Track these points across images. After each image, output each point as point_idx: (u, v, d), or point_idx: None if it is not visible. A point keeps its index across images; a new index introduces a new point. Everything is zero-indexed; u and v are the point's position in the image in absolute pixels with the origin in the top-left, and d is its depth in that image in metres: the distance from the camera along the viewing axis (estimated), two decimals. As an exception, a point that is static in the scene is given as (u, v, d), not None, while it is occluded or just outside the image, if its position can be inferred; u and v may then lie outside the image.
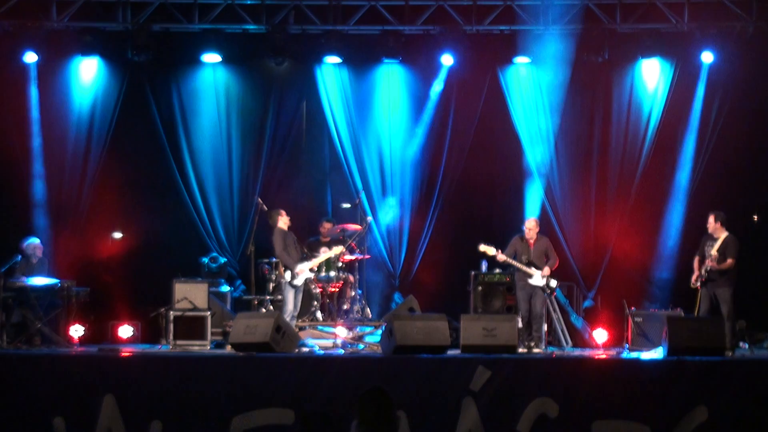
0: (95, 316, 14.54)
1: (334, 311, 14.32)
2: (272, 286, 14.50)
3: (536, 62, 15.75)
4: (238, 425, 11.17)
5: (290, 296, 13.67)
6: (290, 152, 16.15)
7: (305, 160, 16.20)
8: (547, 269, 13.81)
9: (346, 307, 14.38)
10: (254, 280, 14.49)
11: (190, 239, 15.84)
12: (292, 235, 13.96)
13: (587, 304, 15.41)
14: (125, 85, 15.82)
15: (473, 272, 14.78)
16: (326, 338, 13.64)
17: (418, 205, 16.01)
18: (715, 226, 13.51)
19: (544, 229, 14.72)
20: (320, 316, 14.34)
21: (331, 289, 14.38)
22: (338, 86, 16.04)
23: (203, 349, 13.39)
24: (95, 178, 15.72)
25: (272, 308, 14.20)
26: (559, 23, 15.46)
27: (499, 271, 14.74)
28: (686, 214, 15.50)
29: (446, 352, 11.95)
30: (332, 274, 14.27)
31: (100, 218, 15.66)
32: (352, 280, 14.55)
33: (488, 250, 13.90)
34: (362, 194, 15.43)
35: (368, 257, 14.90)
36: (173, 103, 15.96)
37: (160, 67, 15.83)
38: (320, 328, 14.03)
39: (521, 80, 15.92)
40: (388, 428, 5.98)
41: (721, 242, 13.40)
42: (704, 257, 13.49)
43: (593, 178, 15.80)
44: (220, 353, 12.86)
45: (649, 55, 15.54)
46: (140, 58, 15.47)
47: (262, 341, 11.95)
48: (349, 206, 15.48)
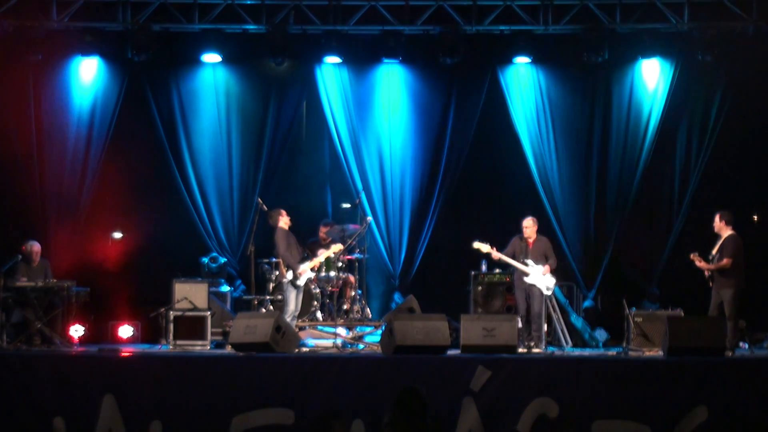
0: (95, 316, 14.55)
1: (334, 311, 14.32)
2: (272, 286, 14.50)
3: (536, 62, 15.75)
4: (238, 425, 11.17)
5: (292, 296, 13.67)
6: (290, 152, 16.14)
7: (305, 160, 16.20)
8: (546, 268, 13.81)
9: (346, 307, 14.38)
10: (254, 280, 14.49)
11: (190, 239, 15.84)
12: (292, 235, 13.96)
13: (587, 304, 15.41)
14: (125, 85, 15.81)
15: (473, 272, 14.79)
16: (326, 338, 13.64)
17: (418, 205, 16.00)
18: (720, 224, 13.49)
19: (543, 229, 14.71)
20: (320, 316, 14.34)
21: (331, 289, 14.38)
22: (338, 86, 16.03)
23: (203, 349, 13.39)
24: (95, 178, 15.71)
25: (272, 308, 14.19)
26: (559, 23, 15.46)
27: (499, 271, 14.75)
28: (686, 214, 15.51)
29: (446, 352, 11.96)
30: (332, 274, 14.27)
31: (100, 218, 15.66)
32: (352, 280, 14.56)
33: (482, 246, 13.90)
34: (362, 194, 15.43)
35: (368, 257, 14.90)
36: (173, 103, 15.96)
37: (160, 67, 15.83)
38: (320, 328, 14.03)
39: (521, 80, 15.91)
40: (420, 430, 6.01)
41: (721, 242, 13.41)
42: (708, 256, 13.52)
43: (593, 177, 15.80)
44: (220, 353, 12.86)
45: (649, 55, 15.55)
46: (140, 58, 15.46)
47: (262, 341, 11.96)
48: (349, 206, 15.48)
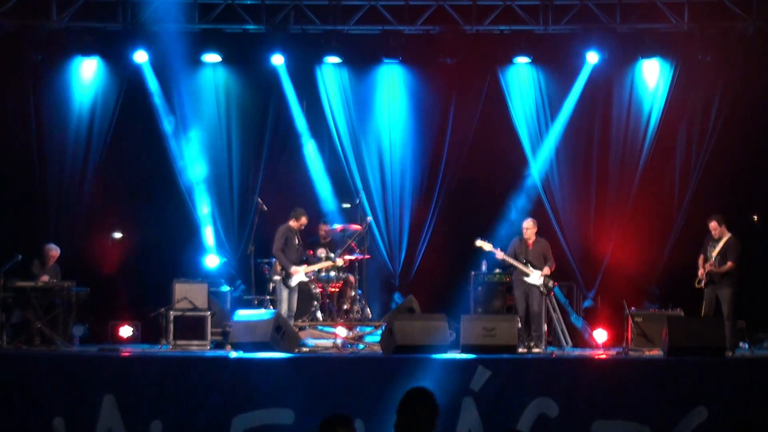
0: (95, 316, 14.54)
1: (334, 311, 14.32)
2: (272, 286, 14.49)
3: (536, 62, 15.75)
4: (238, 425, 11.17)
5: (284, 296, 13.69)
6: (290, 152, 16.14)
7: (305, 160, 16.18)
8: (546, 269, 13.82)
9: (346, 307, 14.38)
10: (254, 280, 14.49)
11: (190, 239, 15.84)
12: (296, 235, 13.92)
13: (587, 304, 15.41)
14: (125, 85, 15.81)
15: (473, 272, 14.79)
16: (326, 338, 13.64)
17: (418, 205, 16.00)
18: (720, 229, 13.50)
19: (543, 229, 14.72)
20: (320, 316, 14.34)
21: (331, 289, 14.38)
22: (338, 86, 16.03)
23: (203, 349, 13.39)
24: (95, 178, 15.71)
25: (272, 308, 14.19)
26: (559, 23, 15.46)
27: (499, 271, 14.75)
28: (686, 213, 15.50)
29: (446, 352, 11.96)
30: (332, 274, 14.28)
31: (100, 218, 15.66)
32: (352, 280, 14.55)
33: (484, 245, 13.92)
34: (362, 194, 15.43)
35: (368, 257, 14.90)
36: (173, 103, 15.95)
37: (160, 67, 15.82)
38: (320, 328, 14.03)
39: (521, 80, 15.92)
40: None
41: (722, 244, 13.40)
42: (706, 258, 13.50)
43: (593, 177, 15.80)
44: (220, 353, 12.87)
45: (649, 55, 15.54)
46: (140, 58, 15.46)
47: (262, 341, 11.96)
48: (349, 206, 15.47)
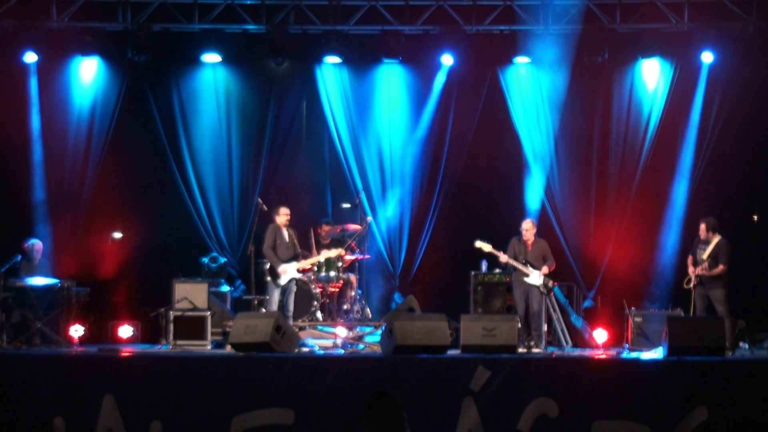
0: (95, 316, 14.54)
1: (334, 311, 14.32)
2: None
3: (536, 62, 15.75)
4: (238, 425, 11.17)
5: (275, 295, 13.69)
6: (290, 152, 16.14)
7: (305, 160, 16.20)
8: (545, 268, 13.83)
9: (346, 307, 14.38)
10: (254, 280, 14.49)
11: (190, 239, 15.84)
12: (288, 232, 13.93)
13: (587, 304, 15.41)
14: (125, 85, 15.82)
15: (473, 272, 14.78)
16: (326, 338, 13.64)
17: (418, 205, 16.01)
18: (707, 234, 13.54)
19: (543, 228, 14.73)
20: (320, 316, 14.34)
21: (331, 289, 14.38)
22: (338, 86, 16.03)
23: (203, 349, 13.38)
24: (95, 178, 15.72)
25: (263, 308, 14.19)
26: (559, 23, 15.46)
27: (499, 271, 14.74)
28: (686, 213, 15.49)
29: (446, 352, 11.95)
30: (332, 274, 14.28)
31: (100, 218, 15.66)
32: (352, 280, 14.55)
33: (484, 246, 13.93)
34: (362, 194, 15.43)
35: (368, 257, 14.90)
36: (173, 103, 15.96)
37: (160, 67, 15.83)
38: (320, 328, 14.02)
39: (521, 80, 15.92)
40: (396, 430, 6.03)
41: (713, 247, 13.43)
42: (696, 260, 13.52)
43: (593, 178, 15.80)
44: (220, 353, 12.86)
45: (649, 55, 15.54)
46: (140, 58, 15.48)
47: (262, 341, 11.95)
48: (349, 206, 15.48)
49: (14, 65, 15.40)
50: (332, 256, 14.16)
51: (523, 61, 15.73)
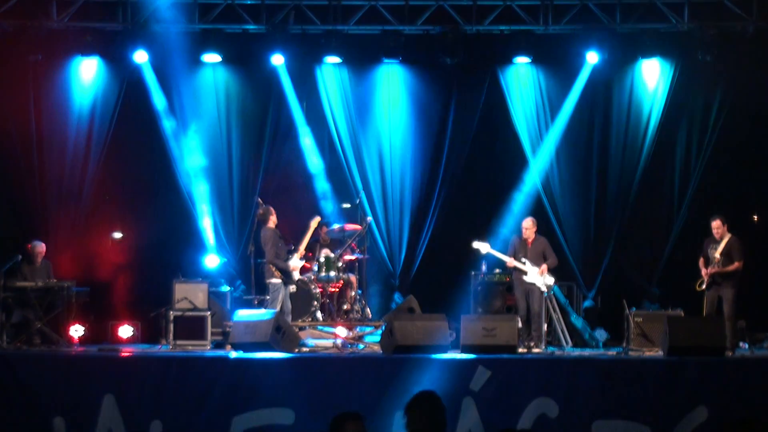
0: (95, 316, 14.54)
1: (334, 311, 14.32)
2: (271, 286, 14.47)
3: (536, 62, 15.74)
4: (238, 425, 11.18)
5: (279, 298, 13.67)
6: (290, 152, 16.14)
7: (305, 159, 16.17)
8: (544, 266, 13.84)
9: (346, 307, 14.37)
10: (254, 280, 14.48)
11: (190, 239, 15.83)
12: (278, 232, 13.94)
13: (587, 304, 15.41)
14: (125, 85, 15.81)
15: (473, 272, 14.78)
16: (326, 338, 13.64)
17: (418, 205, 16.00)
18: (723, 229, 13.48)
19: (543, 228, 14.72)
20: (320, 316, 14.33)
21: (331, 289, 14.38)
22: (338, 86, 16.02)
23: (203, 349, 13.39)
24: (95, 178, 15.71)
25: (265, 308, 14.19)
26: (559, 23, 15.46)
27: (499, 271, 14.74)
28: (686, 213, 15.49)
29: (446, 352, 11.96)
30: (332, 274, 14.27)
31: (100, 218, 15.65)
32: (352, 280, 14.55)
33: (481, 246, 13.95)
34: (362, 194, 15.43)
35: (368, 257, 14.89)
36: (173, 103, 15.94)
37: (160, 67, 15.81)
38: (320, 328, 14.03)
39: (521, 80, 15.91)
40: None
41: (725, 244, 13.39)
42: (708, 260, 13.48)
43: (593, 177, 15.79)
44: (220, 353, 12.86)
45: (649, 55, 15.52)
46: (140, 58, 15.47)
47: (262, 341, 11.96)
48: (349, 206, 15.47)
49: (14, 65, 15.39)
50: (314, 226, 14.16)
51: (523, 61, 15.72)
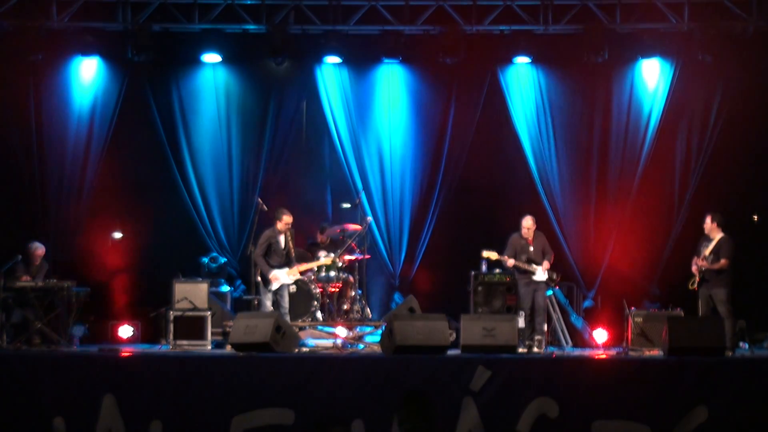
0: (95, 316, 14.54)
1: (334, 311, 14.32)
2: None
3: (536, 62, 15.75)
4: (238, 425, 11.17)
5: (267, 299, 13.70)
6: (290, 152, 16.15)
7: (305, 160, 16.19)
8: (546, 263, 13.92)
9: (346, 307, 14.38)
10: (254, 280, 14.48)
11: (190, 239, 15.84)
12: (285, 238, 13.88)
13: (587, 304, 15.41)
14: (125, 85, 15.81)
15: (473, 272, 14.75)
16: (326, 338, 13.64)
17: (418, 205, 16.01)
18: (711, 226, 13.55)
19: (544, 228, 14.72)
20: (320, 316, 14.33)
21: (331, 289, 14.38)
22: (338, 86, 16.03)
23: (203, 349, 13.39)
24: (95, 178, 15.72)
25: (272, 308, 14.19)
26: (559, 23, 15.46)
27: (499, 271, 14.72)
28: (686, 213, 15.50)
29: (446, 352, 11.96)
30: (332, 274, 14.27)
31: (100, 218, 15.65)
32: (352, 280, 14.55)
33: (491, 255, 13.98)
34: (362, 194, 15.43)
35: (368, 257, 14.90)
36: (173, 103, 15.96)
37: (160, 67, 15.82)
38: (320, 328, 14.03)
39: (521, 80, 15.92)
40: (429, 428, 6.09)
41: (715, 243, 13.44)
42: (699, 256, 13.52)
43: (593, 177, 15.80)
44: (220, 353, 12.86)
45: (649, 55, 15.54)
46: (140, 58, 15.48)
47: (262, 341, 11.96)
48: (349, 206, 15.47)
49: (14, 65, 15.39)
50: (326, 263, 14.17)
51: (523, 61, 15.73)
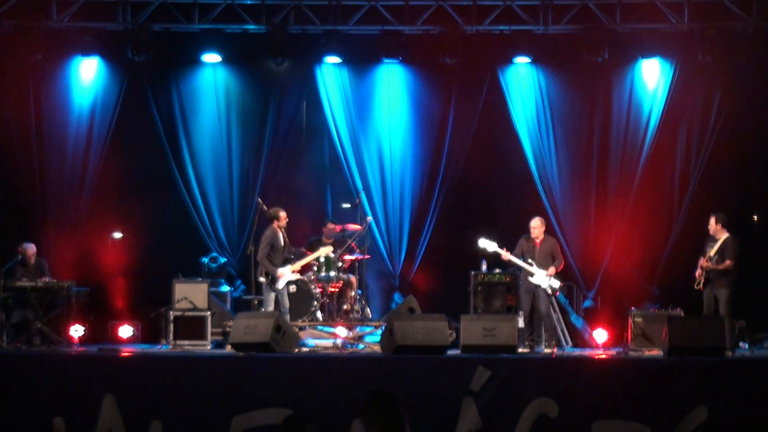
0: (95, 316, 14.53)
1: (334, 311, 14.31)
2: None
3: (536, 62, 15.75)
4: (238, 425, 11.18)
5: (270, 298, 13.69)
6: (290, 152, 16.14)
7: (305, 160, 16.19)
8: (551, 269, 13.82)
9: (346, 307, 14.37)
10: (254, 280, 14.48)
11: (190, 239, 15.84)
12: (282, 236, 13.90)
13: (587, 304, 15.41)
14: (125, 85, 15.81)
15: (473, 272, 14.76)
16: (326, 338, 13.64)
17: (418, 205, 16.00)
18: (716, 227, 13.54)
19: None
20: (320, 316, 14.33)
21: (331, 289, 14.37)
22: (338, 86, 16.03)
23: (203, 349, 13.39)
24: (95, 177, 15.71)
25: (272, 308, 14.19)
26: (559, 23, 15.46)
27: (499, 271, 14.73)
28: (686, 213, 15.50)
29: (446, 352, 11.96)
30: (332, 274, 14.27)
31: (100, 218, 15.64)
32: (352, 280, 14.54)
33: (488, 245, 13.92)
34: (362, 194, 15.43)
35: (368, 257, 14.90)
36: (173, 103, 15.95)
37: (160, 67, 15.82)
38: (320, 328, 14.03)
39: (521, 80, 15.91)
40: (396, 428, 6.07)
41: (720, 243, 13.44)
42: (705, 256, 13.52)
43: (593, 177, 15.79)
44: (220, 353, 12.86)
45: (649, 55, 15.54)
46: (140, 58, 15.47)
47: (262, 341, 11.96)
48: (349, 206, 15.47)
49: (14, 65, 15.39)
50: (325, 253, 14.14)
51: (523, 61, 15.72)
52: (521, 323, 13.61)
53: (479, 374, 11.25)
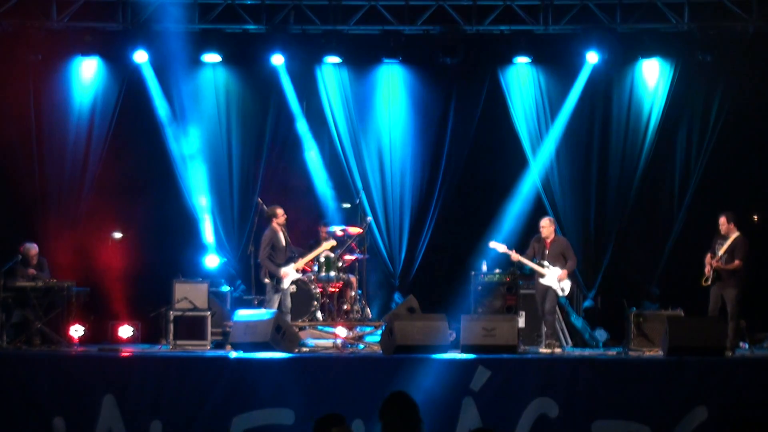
0: (95, 316, 14.54)
1: (334, 311, 14.31)
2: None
3: (536, 62, 15.74)
4: (238, 425, 11.18)
5: (275, 299, 13.68)
6: (290, 152, 16.14)
7: (305, 160, 16.18)
8: (563, 272, 13.68)
9: (346, 307, 14.37)
10: (254, 280, 14.49)
11: (190, 239, 15.83)
12: (282, 235, 13.90)
13: (587, 304, 15.40)
14: (125, 85, 15.81)
15: (473, 272, 14.77)
16: (326, 338, 13.64)
17: (418, 205, 16.00)
18: (728, 226, 13.45)
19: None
20: (320, 316, 14.33)
21: (331, 289, 14.37)
22: (338, 86, 16.03)
23: (203, 349, 13.39)
24: (95, 178, 15.71)
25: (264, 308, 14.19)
26: (559, 23, 15.46)
27: (499, 271, 14.74)
28: (686, 214, 15.50)
29: (446, 352, 11.96)
30: (332, 274, 14.26)
31: (100, 218, 15.64)
32: (352, 280, 14.54)
33: (498, 247, 13.93)
34: (362, 194, 15.42)
35: (368, 257, 14.89)
36: (173, 103, 15.95)
37: (160, 67, 15.81)
38: (320, 328, 14.03)
39: (521, 80, 15.91)
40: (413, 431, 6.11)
41: (730, 242, 13.37)
42: (714, 255, 13.48)
43: (593, 177, 15.79)
44: (220, 353, 12.86)
45: (649, 55, 15.53)
46: (140, 58, 15.47)
47: (262, 341, 11.96)
48: (349, 206, 15.46)
49: (14, 65, 15.39)
50: (329, 246, 14.13)
51: (523, 61, 15.72)
52: (521, 323, 13.59)
53: (479, 374, 11.26)
